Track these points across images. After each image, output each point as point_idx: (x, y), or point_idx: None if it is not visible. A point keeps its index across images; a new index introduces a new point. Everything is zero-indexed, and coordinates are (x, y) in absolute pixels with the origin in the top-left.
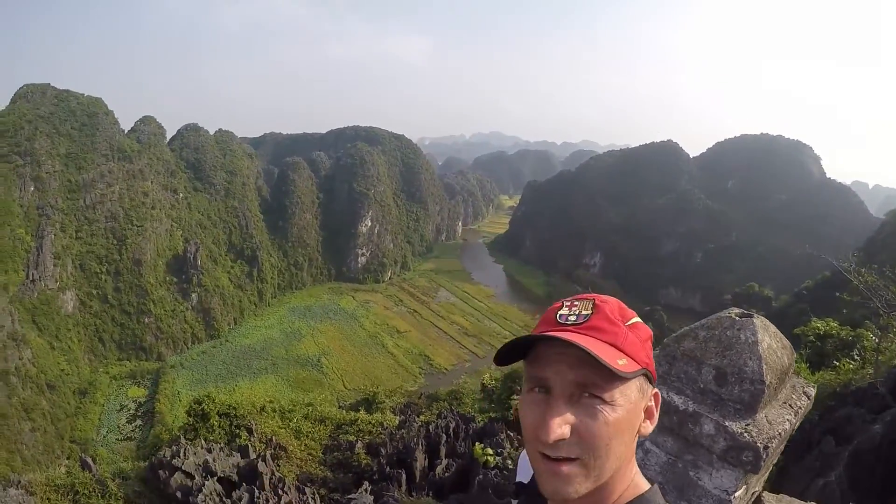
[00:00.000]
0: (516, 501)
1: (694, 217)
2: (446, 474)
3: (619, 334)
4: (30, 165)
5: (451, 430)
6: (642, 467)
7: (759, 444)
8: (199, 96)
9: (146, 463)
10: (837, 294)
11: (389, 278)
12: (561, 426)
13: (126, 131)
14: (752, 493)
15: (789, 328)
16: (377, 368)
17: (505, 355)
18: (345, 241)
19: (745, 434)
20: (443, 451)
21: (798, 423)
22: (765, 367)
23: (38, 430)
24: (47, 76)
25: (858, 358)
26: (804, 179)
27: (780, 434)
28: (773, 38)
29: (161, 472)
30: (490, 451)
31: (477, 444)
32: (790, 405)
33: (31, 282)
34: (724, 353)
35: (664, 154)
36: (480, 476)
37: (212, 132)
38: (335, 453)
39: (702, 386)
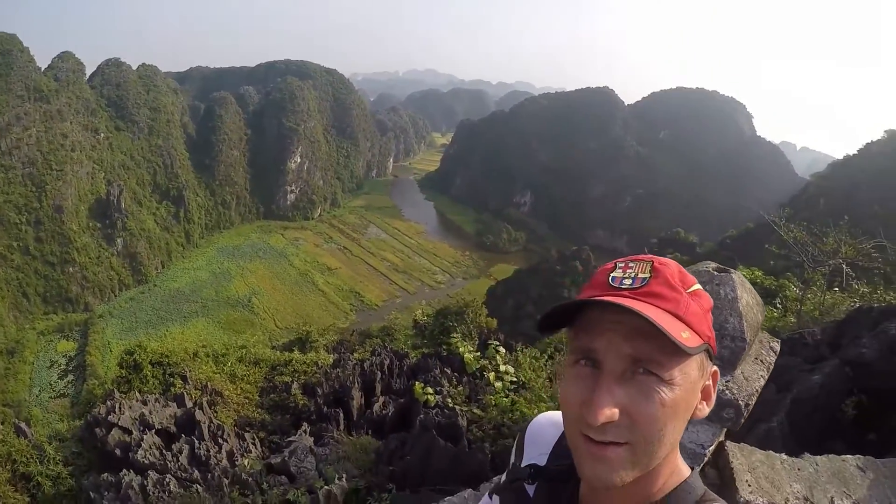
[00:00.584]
0: (532, 486)
1: (625, 163)
2: (384, 412)
3: (681, 302)
4: None
5: (385, 367)
6: None
7: (740, 402)
8: (120, 27)
9: (82, 421)
10: (767, 246)
11: (319, 215)
12: (611, 407)
13: (43, 69)
14: (718, 442)
15: None
16: (308, 306)
17: (549, 321)
18: (273, 179)
19: (727, 391)
20: (378, 388)
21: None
22: (745, 324)
23: None
24: None
25: (780, 307)
26: (735, 135)
27: (756, 390)
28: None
29: (98, 429)
30: (430, 390)
31: (417, 383)
32: (761, 361)
33: None
34: None
35: (599, 100)
36: (421, 416)
37: (135, 67)
38: (272, 395)
39: None
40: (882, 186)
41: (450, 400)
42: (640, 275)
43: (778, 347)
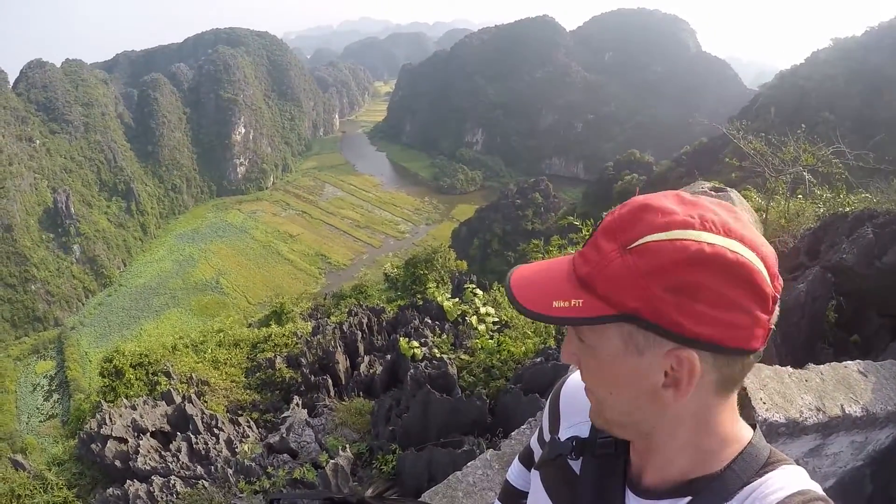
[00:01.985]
0: (575, 462)
1: (572, 89)
2: (371, 371)
3: (590, 265)
4: None
5: (364, 325)
6: None
7: None
8: (35, 25)
9: (76, 440)
10: (726, 159)
11: (273, 184)
12: (568, 352)
13: None
14: None
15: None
16: (277, 277)
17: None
18: (221, 154)
19: None
20: (361, 348)
21: None
22: None
23: None
24: None
25: None
26: (680, 52)
27: None
28: None
29: (93, 445)
30: (415, 343)
31: (401, 339)
32: None
33: None
34: None
35: (540, 29)
36: (411, 370)
37: (59, 64)
38: (257, 374)
39: None
40: (831, 94)
41: (436, 350)
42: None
43: None
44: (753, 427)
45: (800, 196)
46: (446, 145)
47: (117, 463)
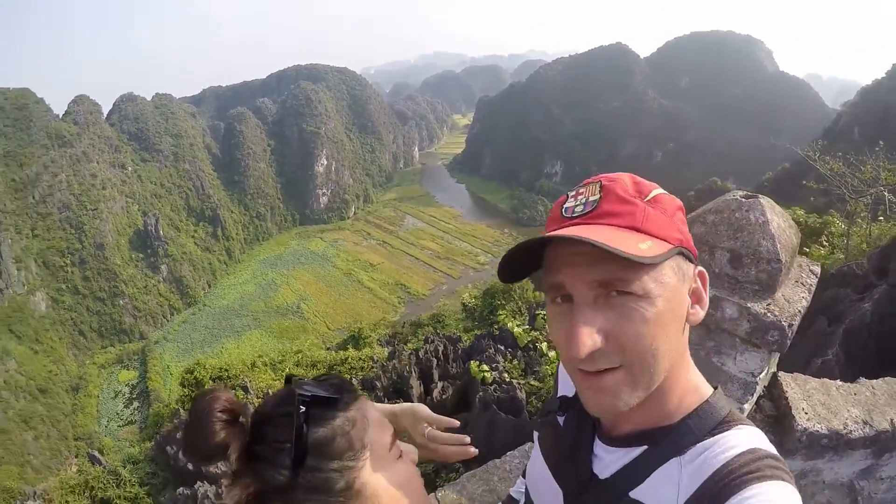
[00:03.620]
0: (562, 417)
1: (650, 117)
2: (444, 396)
3: (637, 214)
4: None
5: (440, 352)
6: None
7: (783, 323)
8: (129, 63)
9: (152, 443)
10: (804, 183)
11: (354, 214)
12: (591, 335)
13: (61, 116)
14: (770, 373)
15: None
16: (357, 304)
17: (511, 270)
18: (303, 184)
19: (769, 314)
20: (436, 374)
21: (811, 300)
22: (779, 245)
23: (41, 436)
24: None
25: (827, 244)
26: (757, 74)
27: (799, 311)
28: None
29: (168, 448)
30: (486, 367)
31: (472, 362)
32: (802, 283)
33: None
34: (736, 235)
35: (615, 56)
36: (480, 393)
37: (149, 98)
38: None
39: (717, 270)
40: None
41: (506, 375)
42: (591, 198)
43: (818, 270)
44: (715, 388)
45: (881, 219)
46: (525, 177)
47: (190, 466)
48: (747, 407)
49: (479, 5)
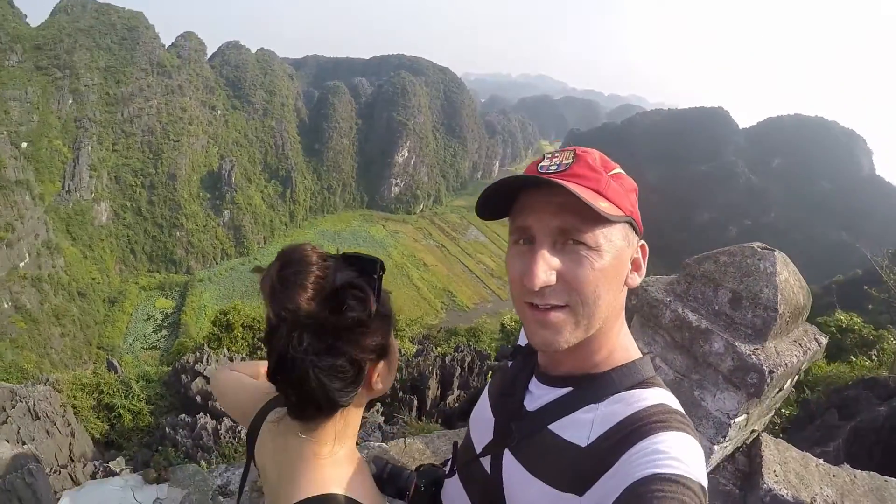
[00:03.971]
0: (511, 363)
1: (734, 190)
2: (457, 404)
3: (601, 181)
4: (68, 78)
5: (466, 363)
6: None
7: (764, 368)
8: (240, 12)
9: (170, 368)
10: (866, 288)
11: (421, 210)
12: (546, 272)
13: (166, 46)
14: (752, 431)
15: (813, 318)
16: (400, 298)
17: (488, 208)
18: (380, 170)
19: (753, 356)
20: (456, 383)
21: (806, 364)
22: (780, 296)
23: (68, 335)
24: None
25: (876, 358)
26: (853, 171)
27: (786, 364)
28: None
29: (183, 375)
30: None
31: (489, 373)
32: (800, 344)
33: (66, 192)
34: (742, 278)
35: (712, 120)
36: None
37: (253, 51)
38: None
39: (716, 307)
40: None
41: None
42: (564, 161)
43: (824, 342)
44: (645, 356)
45: None
46: None
47: (198, 398)
48: (717, 448)
49: (589, 45)
